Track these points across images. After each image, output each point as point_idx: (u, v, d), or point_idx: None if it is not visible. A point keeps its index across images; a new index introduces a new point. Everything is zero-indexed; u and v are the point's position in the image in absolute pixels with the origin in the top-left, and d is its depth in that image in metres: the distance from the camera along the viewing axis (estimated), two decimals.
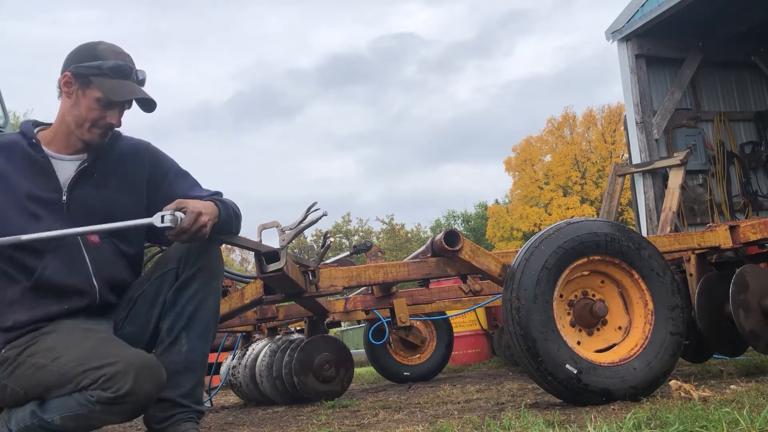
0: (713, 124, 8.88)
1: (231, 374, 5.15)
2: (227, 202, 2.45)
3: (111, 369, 2.06)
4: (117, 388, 2.05)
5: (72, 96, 2.34)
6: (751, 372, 3.58)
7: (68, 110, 2.35)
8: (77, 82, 2.33)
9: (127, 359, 2.10)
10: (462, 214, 45.68)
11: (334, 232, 42.07)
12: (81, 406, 2.10)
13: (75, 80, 2.33)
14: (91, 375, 2.07)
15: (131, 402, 2.08)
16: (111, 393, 2.05)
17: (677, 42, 8.39)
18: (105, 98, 2.31)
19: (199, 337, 2.35)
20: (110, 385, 2.05)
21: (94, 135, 2.35)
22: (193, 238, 2.26)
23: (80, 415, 2.10)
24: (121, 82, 2.33)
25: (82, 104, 2.33)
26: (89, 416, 2.10)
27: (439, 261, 3.16)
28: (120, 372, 2.06)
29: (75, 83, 2.33)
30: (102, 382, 2.06)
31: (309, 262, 3.03)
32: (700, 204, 8.51)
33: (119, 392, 2.05)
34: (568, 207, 33.05)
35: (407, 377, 5.99)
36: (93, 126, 2.34)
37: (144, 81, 2.42)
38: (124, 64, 2.35)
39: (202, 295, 2.35)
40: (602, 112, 35.75)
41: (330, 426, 2.93)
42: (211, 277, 2.38)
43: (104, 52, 2.35)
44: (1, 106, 6.46)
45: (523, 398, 3.31)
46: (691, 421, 1.91)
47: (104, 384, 2.06)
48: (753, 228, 3.49)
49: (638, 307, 2.86)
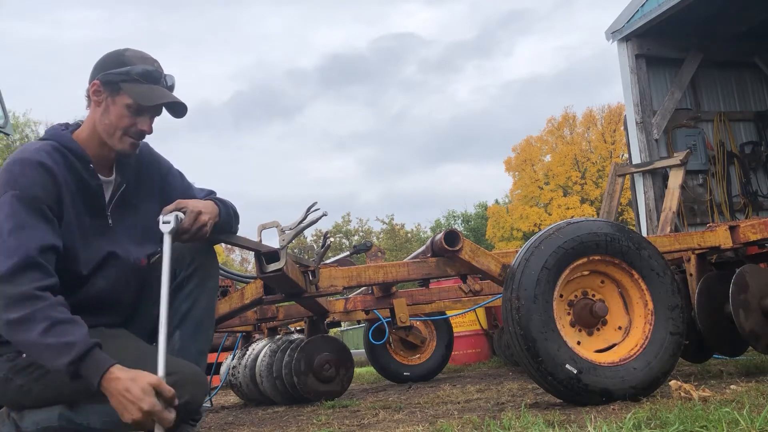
0: (713, 124, 8.88)
1: (231, 374, 5.15)
2: (226, 201, 2.46)
3: (170, 379, 2.07)
4: (178, 397, 2.05)
5: (101, 104, 2.28)
6: (751, 372, 3.58)
7: (98, 120, 2.29)
8: (106, 89, 2.27)
9: (183, 371, 2.12)
10: (462, 214, 45.69)
11: (334, 232, 42.08)
12: None
13: (104, 88, 2.27)
14: None
15: (188, 410, 2.12)
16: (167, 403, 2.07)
17: (677, 42, 8.39)
18: (135, 104, 2.25)
19: (191, 335, 2.35)
20: None
21: (126, 144, 2.29)
22: (194, 238, 2.26)
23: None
24: (150, 87, 2.28)
25: (112, 112, 2.27)
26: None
27: (439, 261, 3.16)
28: (179, 382, 2.07)
29: (104, 91, 2.27)
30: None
31: (309, 262, 3.03)
32: (700, 204, 8.51)
33: (180, 402, 2.06)
34: (568, 207, 33.06)
35: (407, 377, 5.99)
36: (124, 134, 2.28)
37: (173, 86, 2.37)
38: (153, 69, 2.30)
39: (196, 295, 2.37)
40: (602, 112, 35.76)
41: (330, 426, 2.93)
42: (206, 277, 2.39)
43: (132, 57, 2.30)
44: (1, 106, 6.46)
45: (523, 398, 3.31)
46: (691, 421, 1.91)
47: None
48: (753, 228, 3.49)
49: (638, 307, 2.86)
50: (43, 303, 1.98)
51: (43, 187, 2.13)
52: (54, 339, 1.95)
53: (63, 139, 2.27)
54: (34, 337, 1.96)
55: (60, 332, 1.96)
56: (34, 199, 2.10)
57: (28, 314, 1.96)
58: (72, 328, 1.99)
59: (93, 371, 1.97)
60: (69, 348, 1.96)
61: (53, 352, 1.96)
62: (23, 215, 2.06)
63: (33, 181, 2.12)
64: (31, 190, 2.11)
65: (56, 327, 1.97)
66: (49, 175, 2.15)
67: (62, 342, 1.96)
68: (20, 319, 1.96)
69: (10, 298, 1.98)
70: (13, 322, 1.96)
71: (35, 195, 2.11)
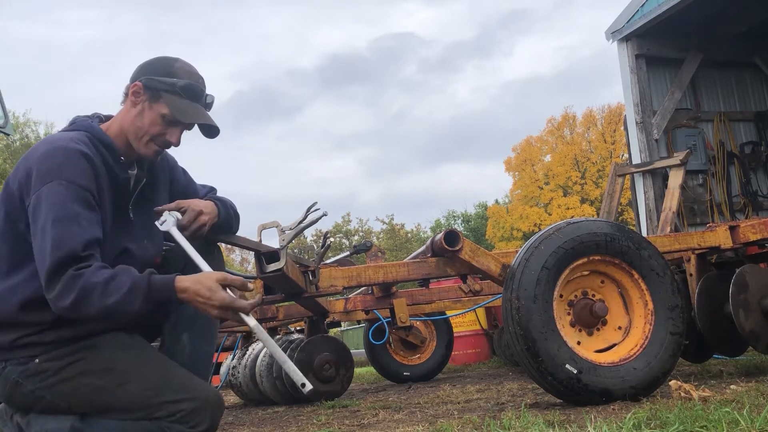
0: (713, 124, 8.88)
1: (231, 374, 5.15)
2: (226, 201, 2.45)
3: (190, 404, 2.07)
4: (196, 423, 2.07)
5: (138, 106, 2.26)
6: (751, 372, 3.58)
7: (130, 120, 2.27)
8: (146, 93, 2.25)
9: (204, 395, 2.12)
10: (462, 214, 45.69)
11: (334, 232, 42.07)
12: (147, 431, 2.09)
13: (145, 91, 2.25)
14: (169, 408, 2.07)
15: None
16: (189, 427, 2.08)
17: (677, 42, 8.39)
18: (171, 116, 2.25)
19: (201, 338, 2.35)
20: (189, 419, 2.07)
21: (150, 150, 2.28)
22: (193, 237, 2.26)
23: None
24: (190, 104, 2.28)
25: (147, 117, 2.25)
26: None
27: (439, 261, 3.16)
28: (199, 408, 2.08)
29: (144, 94, 2.26)
30: (181, 416, 2.07)
31: (309, 262, 3.04)
32: (700, 204, 8.51)
33: (198, 428, 2.08)
34: (568, 207, 33.05)
35: (407, 377, 5.99)
36: (151, 141, 2.27)
37: (211, 105, 2.37)
38: (196, 86, 2.29)
39: None
40: (602, 112, 35.75)
41: (330, 426, 2.93)
42: None
43: (180, 70, 2.29)
44: (1, 106, 6.46)
45: (523, 398, 3.31)
46: (691, 421, 1.91)
47: (184, 418, 2.07)
48: (753, 228, 3.49)
49: (638, 307, 2.86)
50: (85, 276, 1.99)
51: (87, 177, 2.11)
52: (114, 298, 1.99)
53: (94, 131, 2.25)
54: (97, 307, 1.99)
55: (115, 288, 2.00)
56: (80, 188, 2.08)
57: (78, 293, 1.98)
58: (121, 277, 2.02)
59: (164, 296, 2.04)
60: (132, 294, 2.00)
61: (122, 306, 2.00)
62: (70, 205, 2.05)
63: (79, 170, 2.10)
64: (78, 180, 2.09)
65: (109, 286, 1.99)
66: (90, 164, 2.14)
67: (122, 294, 2.00)
68: (75, 301, 1.98)
69: (57, 289, 1.99)
70: (71, 306, 1.98)
71: (82, 184, 2.09)
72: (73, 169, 2.09)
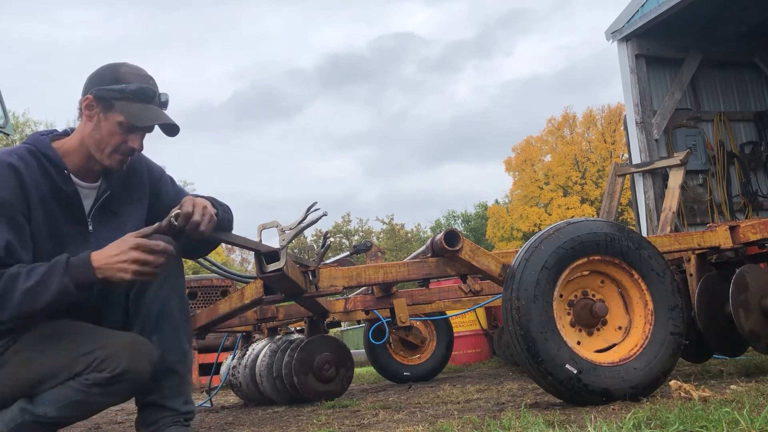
0: (713, 124, 8.88)
1: (231, 374, 5.14)
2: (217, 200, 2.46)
3: (104, 351, 2.11)
4: (113, 367, 2.10)
5: (93, 119, 2.27)
6: (751, 372, 3.58)
7: (89, 133, 2.28)
8: (99, 105, 2.26)
9: (119, 340, 2.15)
10: (462, 214, 45.71)
11: (334, 232, 42.08)
12: (77, 392, 2.13)
13: (97, 103, 2.26)
14: (85, 360, 2.11)
15: (128, 380, 2.13)
16: (108, 373, 2.10)
17: (677, 42, 8.39)
18: (127, 123, 2.25)
19: (172, 335, 2.33)
20: (105, 366, 2.10)
21: (114, 161, 2.30)
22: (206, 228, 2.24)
23: (78, 401, 2.13)
24: (144, 106, 2.27)
25: (104, 128, 2.26)
26: (87, 401, 2.14)
27: (439, 261, 3.16)
28: (113, 353, 2.11)
29: (97, 106, 2.26)
30: (97, 364, 2.11)
31: (309, 262, 3.03)
32: (700, 204, 8.51)
33: (116, 371, 2.10)
34: (568, 207, 33.07)
35: (407, 377, 5.99)
36: (114, 151, 2.28)
37: (167, 103, 2.36)
38: (147, 87, 2.29)
39: (166, 295, 2.34)
40: (602, 112, 35.77)
41: (330, 426, 2.93)
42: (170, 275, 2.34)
43: (127, 75, 2.28)
44: (1, 106, 6.46)
45: (523, 398, 3.31)
46: (691, 421, 1.91)
47: (99, 366, 2.10)
48: (753, 228, 3.49)
49: (638, 307, 2.86)
50: (9, 271, 2.07)
51: (11, 190, 2.15)
52: (34, 279, 2.05)
53: (39, 144, 2.28)
54: (20, 291, 2.05)
55: (35, 273, 2.06)
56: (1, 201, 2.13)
57: (3, 284, 2.06)
58: (41, 265, 2.09)
59: (83, 272, 2.08)
60: (51, 272, 2.06)
61: (43, 286, 2.05)
62: None
63: (1, 185, 2.15)
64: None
65: (31, 273, 2.06)
66: (17, 177, 2.17)
67: (42, 274, 2.06)
68: (1, 292, 2.06)
69: None
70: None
71: (2, 198, 2.14)
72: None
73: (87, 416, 2.27)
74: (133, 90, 2.26)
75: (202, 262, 3.96)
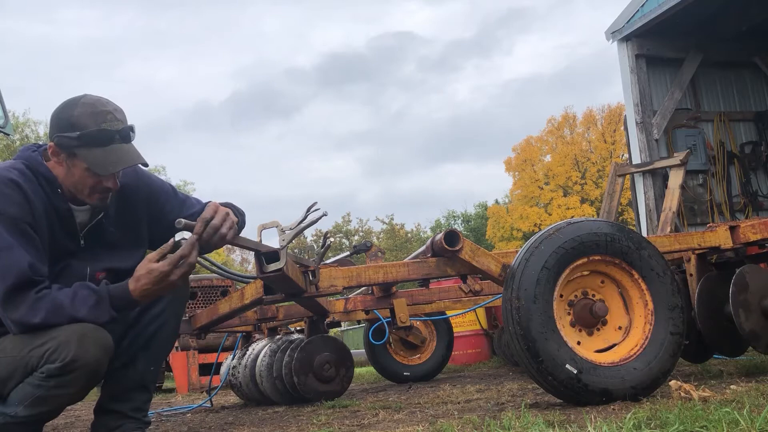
0: (713, 124, 8.88)
1: (231, 374, 5.14)
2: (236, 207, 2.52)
3: (53, 343, 2.12)
4: (63, 357, 2.10)
5: (63, 165, 2.28)
6: (751, 372, 3.58)
7: (64, 176, 2.29)
8: (63, 152, 2.25)
9: (68, 329, 2.15)
10: (462, 214, 45.72)
11: (334, 232, 42.09)
12: (37, 387, 2.14)
13: (60, 150, 2.25)
14: (36, 353, 2.13)
15: (80, 368, 2.13)
16: (59, 363, 2.11)
17: (677, 42, 8.40)
18: (92, 171, 2.25)
19: (155, 359, 2.47)
20: (56, 356, 2.11)
21: (95, 199, 2.32)
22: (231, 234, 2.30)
23: (39, 397, 2.14)
24: (105, 150, 2.22)
25: (75, 173, 2.27)
26: (47, 395, 2.15)
27: (439, 261, 3.16)
28: (62, 342, 2.11)
29: (61, 153, 2.26)
30: (48, 355, 2.12)
31: (309, 262, 3.03)
32: (700, 204, 8.52)
33: (66, 360, 2.10)
34: (568, 207, 33.06)
35: (407, 377, 5.98)
36: (92, 192, 2.30)
37: (130, 135, 2.30)
38: (103, 130, 2.22)
39: (165, 318, 2.45)
40: (602, 112, 35.76)
41: (330, 426, 2.93)
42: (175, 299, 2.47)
43: (81, 117, 2.21)
44: (1, 106, 6.46)
45: (523, 398, 3.31)
46: (691, 421, 1.91)
47: (51, 357, 2.12)
48: (753, 228, 3.49)
49: (638, 307, 2.86)
50: (51, 296, 2.12)
51: (19, 205, 2.17)
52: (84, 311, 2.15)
53: (32, 161, 2.28)
54: (68, 321, 2.12)
55: (81, 302, 2.14)
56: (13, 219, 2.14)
57: (48, 312, 2.11)
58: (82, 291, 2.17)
59: (125, 305, 2.20)
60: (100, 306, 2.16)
61: (93, 318, 2.15)
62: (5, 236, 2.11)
63: (10, 200, 2.16)
64: (9, 210, 2.15)
65: (75, 301, 2.14)
66: (21, 192, 2.19)
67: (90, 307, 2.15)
68: (46, 318, 2.11)
69: (22, 309, 2.10)
70: (41, 323, 2.11)
71: (14, 215, 2.15)
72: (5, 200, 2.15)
73: (55, 412, 2.29)
74: (91, 135, 2.21)
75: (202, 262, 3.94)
